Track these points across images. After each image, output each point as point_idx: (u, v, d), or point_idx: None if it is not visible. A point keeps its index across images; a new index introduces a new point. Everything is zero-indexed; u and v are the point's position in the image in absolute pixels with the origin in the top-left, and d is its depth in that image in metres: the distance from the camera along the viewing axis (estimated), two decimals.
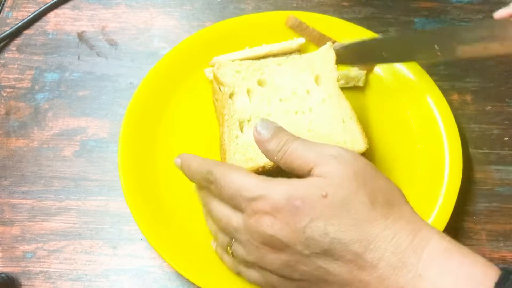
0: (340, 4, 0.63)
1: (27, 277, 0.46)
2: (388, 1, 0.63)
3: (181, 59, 0.55)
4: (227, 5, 0.63)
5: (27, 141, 0.53)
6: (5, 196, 0.50)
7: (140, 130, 0.51)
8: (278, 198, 0.32)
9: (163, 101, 0.53)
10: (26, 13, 0.62)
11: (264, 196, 0.33)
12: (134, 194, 0.47)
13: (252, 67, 0.47)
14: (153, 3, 0.63)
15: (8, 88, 0.57)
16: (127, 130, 0.50)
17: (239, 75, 0.46)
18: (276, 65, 0.48)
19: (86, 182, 0.51)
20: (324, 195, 0.32)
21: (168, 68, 0.54)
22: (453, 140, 0.50)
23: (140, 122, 0.51)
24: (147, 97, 0.52)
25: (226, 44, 0.56)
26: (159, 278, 0.46)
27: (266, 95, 0.46)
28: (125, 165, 0.48)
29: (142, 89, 0.53)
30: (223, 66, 0.46)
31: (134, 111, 0.51)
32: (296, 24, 0.56)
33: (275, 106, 0.46)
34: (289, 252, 0.32)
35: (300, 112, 0.46)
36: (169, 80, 0.54)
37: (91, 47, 0.60)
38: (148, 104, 0.52)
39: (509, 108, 0.55)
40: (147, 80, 0.53)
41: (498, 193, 0.51)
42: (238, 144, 0.44)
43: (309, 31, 0.56)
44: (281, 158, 0.35)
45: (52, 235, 0.48)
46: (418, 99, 0.53)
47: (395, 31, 0.60)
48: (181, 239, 0.46)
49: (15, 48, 0.60)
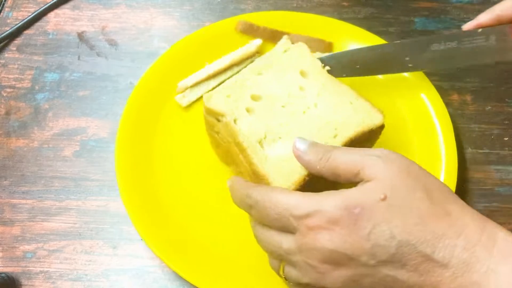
0: (340, 4, 0.63)
1: (27, 277, 0.46)
2: (388, 1, 0.63)
3: (179, 58, 0.55)
4: (227, 5, 0.63)
5: (27, 141, 0.53)
6: (5, 196, 0.50)
7: (137, 130, 0.51)
8: (334, 209, 0.31)
9: (160, 100, 0.53)
10: (26, 13, 0.62)
11: (318, 210, 0.31)
12: (130, 194, 0.47)
13: (236, 86, 0.45)
14: (153, 3, 0.63)
15: (8, 88, 0.57)
16: (124, 130, 0.50)
17: (231, 99, 0.44)
18: (256, 76, 0.46)
19: (86, 182, 0.51)
20: (382, 197, 0.30)
21: (166, 68, 0.54)
22: (449, 140, 0.50)
23: (137, 121, 0.51)
24: (144, 96, 0.53)
25: (225, 44, 0.56)
26: (159, 278, 0.46)
27: (267, 107, 0.45)
28: (122, 165, 0.48)
29: (139, 89, 0.53)
30: (212, 97, 0.44)
31: (131, 110, 0.51)
32: (247, 27, 0.55)
33: (281, 114, 0.44)
34: (353, 265, 0.31)
35: (307, 110, 0.45)
36: (167, 79, 0.54)
37: (91, 47, 0.60)
38: (145, 104, 0.52)
39: (509, 108, 0.55)
40: (144, 80, 0.53)
41: (498, 193, 0.51)
42: (272, 163, 0.42)
43: (262, 31, 0.55)
44: (323, 166, 0.35)
45: (52, 235, 0.48)
46: (414, 99, 0.53)
47: (395, 31, 0.60)
48: (179, 239, 0.46)
49: (15, 48, 0.60)
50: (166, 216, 0.47)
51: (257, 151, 0.42)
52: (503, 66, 0.58)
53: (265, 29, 0.55)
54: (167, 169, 0.50)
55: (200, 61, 0.55)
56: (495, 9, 0.46)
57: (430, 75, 0.54)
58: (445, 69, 0.57)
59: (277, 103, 0.45)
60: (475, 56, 0.47)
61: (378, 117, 0.44)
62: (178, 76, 0.54)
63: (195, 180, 0.50)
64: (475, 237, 0.30)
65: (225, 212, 0.47)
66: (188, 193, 0.49)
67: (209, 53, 0.55)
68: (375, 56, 0.47)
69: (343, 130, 0.43)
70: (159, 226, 0.46)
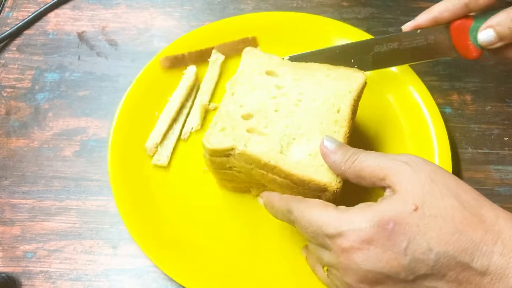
0: (340, 4, 0.63)
1: (28, 277, 0.46)
2: (388, 1, 0.63)
3: (210, 38, 0.55)
4: (227, 5, 0.63)
5: (28, 141, 0.53)
6: (6, 196, 0.50)
7: (131, 130, 0.51)
8: (366, 227, 0.30)
9: (156, 99, 0.53)
10: (27, 13, 0.62)
11: (351, 229, 0.31)
12: (123, 196, 0.47)
13: (223, 117, 0.44)
14: (153, 3, 0.63)
15: (9, 88, 0.57)
16: (118, 130, 0.50)
17: (227, 131, 0.43)
18: (232, 97, 0.45)
19: (86, 182, 0.51)
20: (414, 208, 0.30)
21: (194, 44, 0.55)
22: (442, 140, 0.50)
23: (132, 121, 0.51)
24: (140, 95, 0.53)
25: (262, 34, 0.56)
26: (159, 278, 0.46)
27: (264, 119, 0.44)
28: (115, 165, 0.48)
29: (135, 88, 0.53)
30: (209, 139, 0.42)
31: (126, 110, 0.51)
32: (172, 61, 0.53)
33: (279, 117, 0.44)
34: (391, 283, 0.30)
35: (297, 102, 0.44)
36: (162, 79, 0.54)
37: (91, 47, 0.60)
38: (140, 105, 0.52)
39: (508, 108, 0.55)
40: (140, 79, 0.53)
41: (498, 193, 0.51)
42: (305, 165, 0.41)
43: (188, 57, 0.54)
44: (349, 168, 0.35)
45: (52, 235, 0.48)
46: (402, 92, 0.54)
47: (395, 31, 0.60)
48: (171, 240, 0.46)
49: (16, 48, 0.60)
50: (159, 218, 0.47)
51: (285, 161, 0.41)
52: (503, 66, 0.58)
53: (189, 54, 0.54)
54: (161, 173, 0.50)
55: None
56: (432, 10, 0.47)
57: (430, 75, 0.54)
58: (449, 68, 0.57)
59: (268, 110, 0.44)
60: (415, 56, 0.50)
61: (360, 76, 0.46)
62: (176, 75, 0.54)
63: (189, 182, 0.49)
64: (511, 243, 0.30)
65: (218, 214, 0.48)
66: (181, 196, 0.49)
67: (206, 52, 0.55)
68: (324, 59, 0.48)
69: (340, 102, 0.44)
70: (151, 227, 0.46)
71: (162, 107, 0.53)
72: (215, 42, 0.55)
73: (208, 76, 0.54)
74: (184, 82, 0.53)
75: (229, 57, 0.56)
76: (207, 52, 0.55)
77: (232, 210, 0.48)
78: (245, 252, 0.46)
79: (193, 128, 0.52)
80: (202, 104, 0.52)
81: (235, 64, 0.53)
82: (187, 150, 0.51)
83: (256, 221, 0.47)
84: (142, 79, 0.53)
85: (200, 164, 0.49)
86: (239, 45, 0.55)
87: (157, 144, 0.50)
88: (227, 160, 0.43)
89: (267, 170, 0.42)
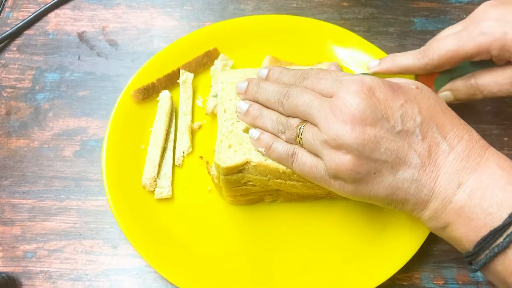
0: (339, 4, 0.63)
1: (28, 276, 0.46)
2: (388, 1, 0.63)
3: (175, 57, 0.55)
4: (227, 5, 0.63)
5: (28, 141, 0.53)
6: (6, 196, 0.50)
7: (122, 168, 0.49)
8: (378, 81, 0.37)
9: (138, 133, 0.52)
10: (27, 13, 0.62)
11: (361, 80, 0.37)
12: (118, 198, 0.47)
13: (226, 135, 0.44)
14: (153, 4, 0.63)
15: (9, 88, 0.57)
16: (110, 171, 0.48)
17: (235, 147, 0.43)
18: (225, 114, 0.45)
19: (86, 182, 0.51)
20: (417, 87, 0.38)
21: (160, 67, 0.54)
22: None
23: (120, 160, 0.49)
24: (121, 133, 0.51)
25: (223, 44, 0.56)
26: (159, 278, 0.46)
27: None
28: (118, 208, 0.47)
29: (114, 127, 0.51)
30: (220, 159, 0.42)
31: (111, 150, 0.49)
32: (143, 92, 0.52)
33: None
34: (378, 126, 0.35)
35: None
36: (138, 111, 0.52)
37: (91, 47, 0.60)
38: (124, 141, 0.51)
39: (509, 108, 0.55)
40: (117, 117, 0.51)
41: None
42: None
43: (158, 84, 0.53)
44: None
45: (52, 235, 0.48)
46: None
47: (395, 31, 0.60)
48: (166, 242, 0.46)
49: (16, 48, 0.60)
50: (152, 217, 0.47)
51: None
52: None
53: (159, 80, 0.53)
54: (165, 205, 0.49)
55: None
56: (397, 60, 0.46)
57: None
58: None
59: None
60: None
61: None
62: (173, 75, 0.54)
63: (196, 206, 0.49)
64: (476, 137, 0.37)
65: (215, 214, 0.48)
66: (191, 221, 0.48)
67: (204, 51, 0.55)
68: None
69: None
70: (145, 228, 0.46)
71: (147, 139, 0.51)
72: (180, 62, 0.55)
73: (183, 97, 0.53)
74: (162, 109, 0.52)
75: (197, 74, 0.55)
76: (175, 74, 0.54)
77: (244, 224, 0.48)
78: (256, 261, 0.46)
79: (184, 153, 0.51)
80: (187, 126, 0.52)
81: (205, 79, 0.54)
82: (185, 175, 0.50)
83: (265, 230, 0.47)
84: (119, 116, 0.51)
85: (202, 185, 0.49)
86: (204, 59, 0.55)
87: (154, 177, 0.48)
88: (242, 176, 0.43)
89: (285, 179, 0.43)
